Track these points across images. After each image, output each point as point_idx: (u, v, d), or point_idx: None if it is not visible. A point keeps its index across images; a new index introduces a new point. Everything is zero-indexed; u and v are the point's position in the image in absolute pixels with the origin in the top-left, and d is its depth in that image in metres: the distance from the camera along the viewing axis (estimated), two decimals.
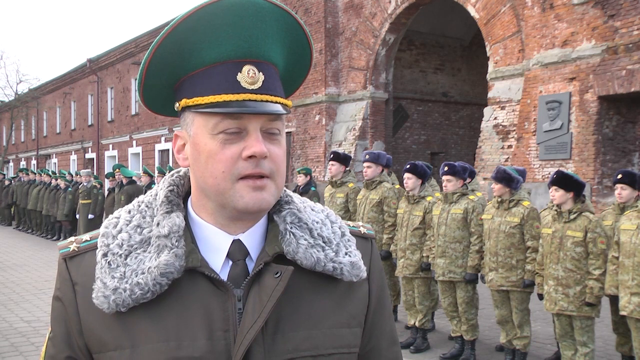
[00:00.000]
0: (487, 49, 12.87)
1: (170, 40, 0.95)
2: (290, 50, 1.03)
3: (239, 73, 0.97)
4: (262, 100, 0.97)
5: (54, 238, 16.57)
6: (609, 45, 10.06)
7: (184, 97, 0.99)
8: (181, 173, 1.10)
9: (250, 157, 0.96)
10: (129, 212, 1.05)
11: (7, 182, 20.97)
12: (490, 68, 12.71)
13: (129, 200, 11.78)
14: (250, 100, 0.96)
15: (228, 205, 0.99)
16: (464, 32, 19.05)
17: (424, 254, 6.03)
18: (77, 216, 14.41)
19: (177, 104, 1.02)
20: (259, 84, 0.97)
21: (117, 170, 13.11)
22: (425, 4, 15.16)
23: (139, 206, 1.06)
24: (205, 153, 0.97)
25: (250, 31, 0.96)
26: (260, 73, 0.98)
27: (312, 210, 1.10)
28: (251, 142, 0.96)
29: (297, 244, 1.02)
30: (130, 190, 12.42)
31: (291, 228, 1.03)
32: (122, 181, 12.86)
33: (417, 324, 6.15)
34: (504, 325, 5.55)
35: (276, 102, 0.99)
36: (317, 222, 1.07)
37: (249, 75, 0.97)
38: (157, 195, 1.06)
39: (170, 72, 0.99)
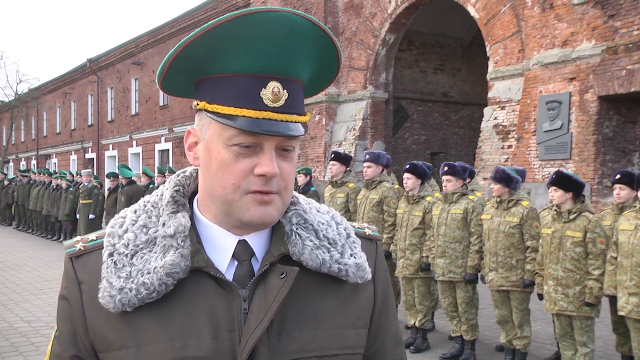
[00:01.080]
0: (487, 49, 12.87)
1: (200, 43, 0.94)
2: (319, 66, 1.02)
3: (263, 88, 0.95)
4: (281, 120, 0.96)
5: (54, 238, 16.57)
6: (609, 45, 10.07)
7: (205, 100, 0.99)
8: (187, 173, 1.10)
9: (262, 175, 0.96)
10: (135, 212, 1.05)
11: (6, 182, 20.96)
12: (490, 68, 12.72)
13: (128, 200, 11.79)
14: (270, 119, 0.95)
15: (233, 215, 0.99)
16: (464, 32, 19.05)
17: (424, 254, 6.03)
18: (78, 216, 14.42)
19: (195, 102, 1.01)
20: (282, 102, 0.96)
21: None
22: (425, 4, 15.16)
23: (145, 206, 1.06)
24: (218, 161, 0.98)
25: (282, 48, 0.94)
26: (285, 90, 0.97)
27: (318, 211, 1.11)
28: (264, 161, 0.96)
29: (302, 245, 1.02)
30: (130, 191, 12.42)
31: (297, 229, 1.04)
32: (122, 182, 12.89)
33: (417, 324, 6.16)
34: (504, 325, 5.55)
35: (296, 122, 0.98)
36: (322, 224, 1.07)
37: (272, 93, 0.95)
38: (163, 195, 1.06)
39: (193, 70, 0.99)
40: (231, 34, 0.93)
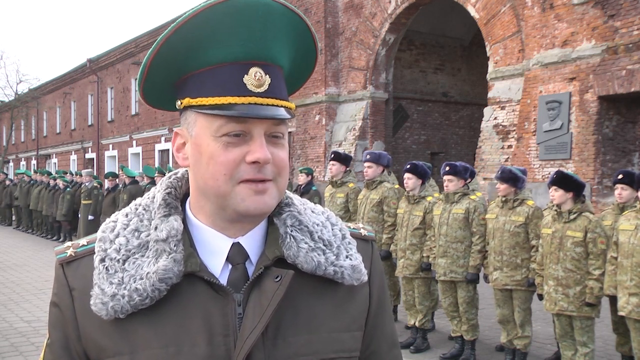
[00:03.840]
0: (487, 49, 12.87)
1: (178, 37, 0.93)
2: (296, 52, 1.02)
3: (245, 75, 0.95)
4: (267, 104, 0.95)
5: (54, 238, 16.57)
6: (609, 45, 10.06)
7: (187, 95, 0.97)
8: (179, 175, 1.08)
9: (254, 162, 0.95)
10: (127, 215, 1.03)
11: (7, 182, 20.94)
12: (490, 68, 12.71)
13: (130, 199, 11.77)
14: (256, 103, 0.94)
15: (228, 208, 0.97)
16: (464, 32, 19.05)
17: (424, 254, 6.03)
18: (80, 216, 14.42)
19: (179, 102, 1.00)
20: (265, 87, 0.96)
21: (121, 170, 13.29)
22: (425, 4, 15.16)
23: (137, 209, 1.04)
24: (207, 155, 0.96)
25: (259, 33, 0.94)
26: (267, 76, 0.96)
27: (313, 212, 1.09)
28: (255, 147, 0.95)
29: (297, 248, 1.00)
30: (133, 190, 12.41)
31: (291, 231, 1.02)
32: (125, 181, 12.86)
33: (417, 324, 6.15)
34: (505, 325, 5.55)
35: (281, 106, 0.97)
36: (317, 225, 1.06)
37: (255, 78, 0.95)
38: (154, 198, 1.04)
39: (173, 69, 0.98)
40: (208, 23, 0.92)
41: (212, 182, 0.96)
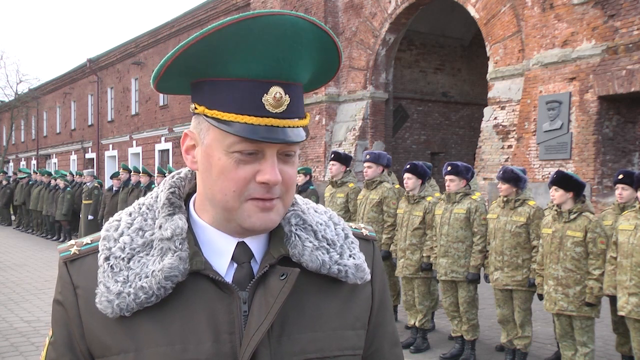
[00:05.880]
0: (487, 49, 12.87)
1: (201, 46, 0.91)
2: (319, 67, 1.00)
3: (265, 94, 0.93)
4: (284, 126, 0.94)
5: (54, 238, 16.57)
6: (609, 45, 10.06)
7: (204, 104, 0.96)
8: (182, 174, 1.09)
9: (264, 182, 0.94)
10: (130, 214, 1.04)
11: (4, 182, 20.92)
12: (490, 68, 12.71)
13: None
14: (271, 125, 0.93)
15: (233, 221, 0.98)
16: (464, 32, 19.05)
17: (424, 254, 6.03)
18: (80, 216, 14.41)
19: (193, 105, 0.99)
20: (284, 107, 0.94)
21: (125, 170, 13.21)
22: (425, 4, 15.15)
23: (140, 208, 1.04)
24: (218, 168, 0.96)
25: (285, 53, 0.92)
26: (287, 95, 0.94)
27: (316, 211, 1.10)
28: (266, 168, 0.94)
29: (302, 247, 1.01)
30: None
31: (296, 230, 1.03)
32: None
33: (417, 324, 6.15)
34: (505, 325, 5.55)
35: (297, 127, 0.96)
36: (321, 224, 1.07)
37: (274, 99, 0.93)
38: (158, 197, 1.05)
39: (191, 73, 0.96)
40: (232, 38, 0.90)
41: (221, 196, 0.96)
